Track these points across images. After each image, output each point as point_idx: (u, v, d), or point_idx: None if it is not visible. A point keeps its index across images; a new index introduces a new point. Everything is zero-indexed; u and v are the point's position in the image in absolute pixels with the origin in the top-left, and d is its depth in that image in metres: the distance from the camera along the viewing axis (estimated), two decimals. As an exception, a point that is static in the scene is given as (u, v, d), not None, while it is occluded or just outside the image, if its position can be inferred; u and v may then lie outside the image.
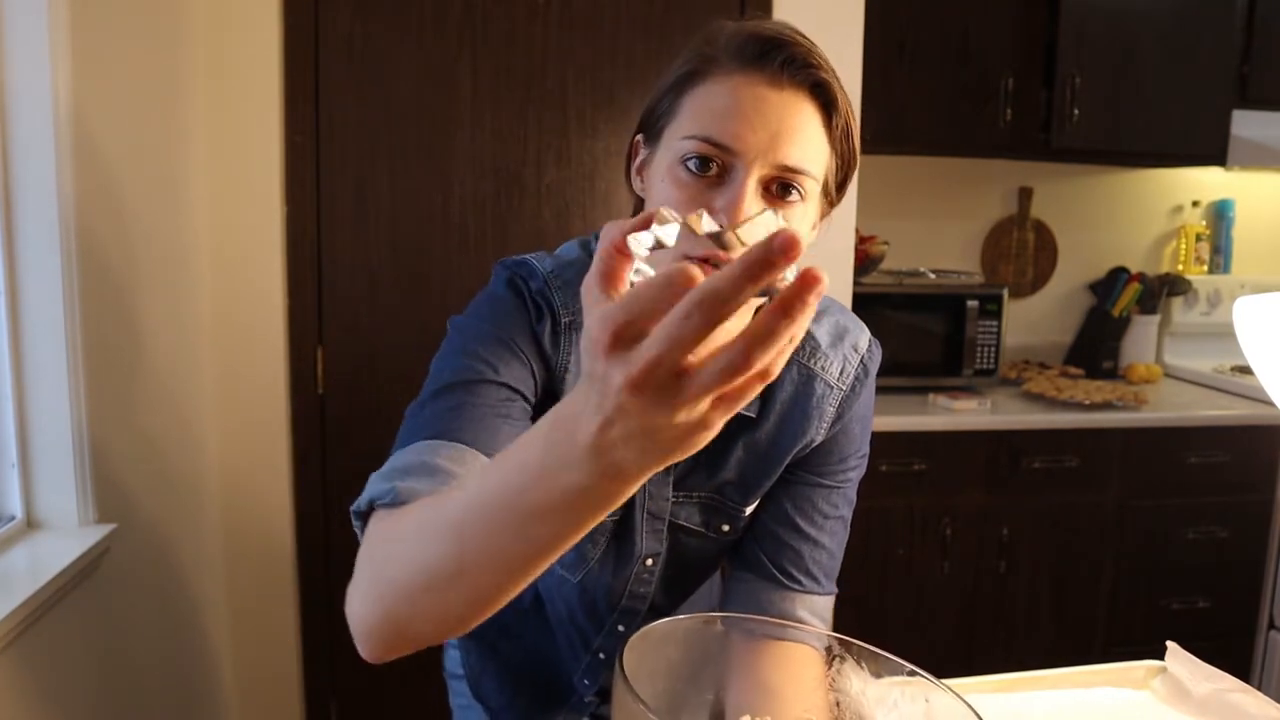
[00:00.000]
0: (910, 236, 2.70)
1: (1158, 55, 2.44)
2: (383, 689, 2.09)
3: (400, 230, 1.97)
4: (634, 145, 0.83)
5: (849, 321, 0.92)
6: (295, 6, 1.84)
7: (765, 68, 0.72)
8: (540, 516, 0.48)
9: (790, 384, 0.88)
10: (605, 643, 1.01)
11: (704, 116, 0.72)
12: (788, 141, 0.71)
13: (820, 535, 0.91)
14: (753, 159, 0.71)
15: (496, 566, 0.52)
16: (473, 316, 0.84)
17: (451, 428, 0.71)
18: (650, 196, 0.78)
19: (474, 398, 0.75)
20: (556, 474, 0.45)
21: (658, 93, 0.79)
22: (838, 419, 0.90)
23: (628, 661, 0.50)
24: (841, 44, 1.99)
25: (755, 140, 0.71)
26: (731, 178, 0.72)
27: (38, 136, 1.30)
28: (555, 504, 0.46)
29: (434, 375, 0.79)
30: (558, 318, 0.83)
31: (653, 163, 0.78)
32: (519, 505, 0.48)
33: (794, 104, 0.72)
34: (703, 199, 0.72)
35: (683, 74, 0.75)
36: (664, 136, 0.76)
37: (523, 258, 0.87)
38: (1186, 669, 0.97)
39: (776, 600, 0.90)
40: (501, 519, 0.50)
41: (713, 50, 0.74)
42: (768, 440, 0.89)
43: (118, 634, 1.49)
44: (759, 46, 0.72)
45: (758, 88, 0.72)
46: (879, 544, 2.25)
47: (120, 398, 1.51)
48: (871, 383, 0.92)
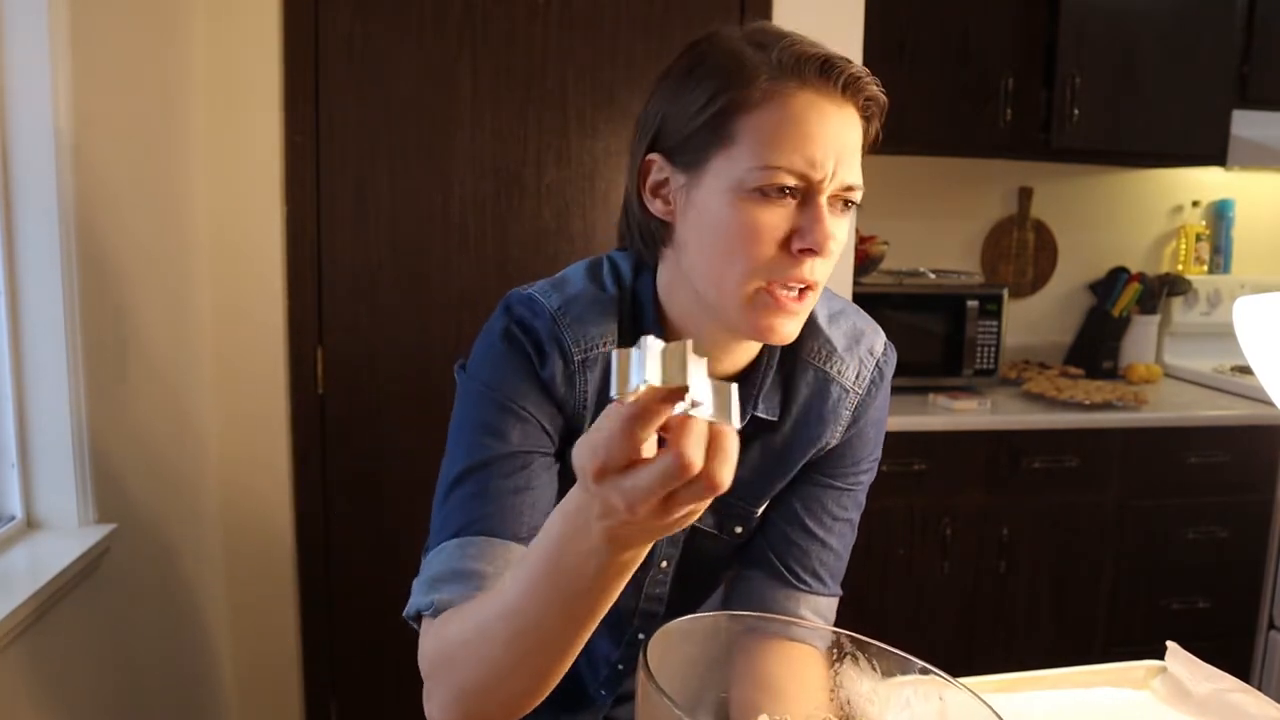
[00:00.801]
0: (910, 236, 2.69)
1: (1158, 55, 2.44)
2: (383, 689, 2.09)
3: (400, 230, 1.96)
4: (646, 164, 0.80)
5: (864, 324, 0.92)
6: (295, 6, 1.84)
7: (826, 86, 0.73)
8: (579, 596, 0.58)
9: (806, 387, 0.88)
10: (626, 653, 1.01)
11: (774, 143, 0.71)
12: (850, 159, 0.74)
13: (828, 537, 0.91)
14: (828, 183, 0.72)
15: (549, 648, 0.63)
16: (475, 379, 0.82)
17: (474, 520, 0.76)
18: (708, 224, 0.75)
19: (489, 479, 0.77)
20: (585, 560, 0.55)
21: (685, 110, 0.75)
22: (853, 423, 0.90)
23: (652, 658, 0.50)
24: (841, 44, 1.95)
25: (830, 163, 0.72)
26: (809, 200, 0.73)
27: (38, 137, 1.30)
28: (589, 583, 0.57)
29: (450, 452, 0.81)
30: (569, 356, 0.81)
31: (701, 186, 0.75)
32: (559, 592, 0.58)
33: (852, 120, 0.74)
34: (781, 226, 0.72)
35: (727, 100, 0.73)
36: (712, 164, 0.74)
37: (529, 293, 0.84)
38: (1186, 669, 0.97)
39: (781, 599, 0.90)
40: (545, 607, 0.60)
41: (752, 71, 0.73)
42: (784, 443, 0.89)
43: (118, 634, 1.49)
44: (816, 66, 0.72)
45: (822, 108, 0.72)
46: (879, 544, 2.25)
47: (120, 398, 1.51)
48: (886, 386, 0.92)
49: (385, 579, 0.82)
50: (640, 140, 0.80)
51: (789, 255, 0.73)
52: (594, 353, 0.82)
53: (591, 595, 0.58)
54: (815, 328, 0.87)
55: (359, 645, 2.06)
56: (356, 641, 2.06)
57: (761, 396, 0.86)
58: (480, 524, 0.76)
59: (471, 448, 0.79)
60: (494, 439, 0.79)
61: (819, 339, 0.87)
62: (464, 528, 0.76)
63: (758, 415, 0.86)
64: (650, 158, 0.79)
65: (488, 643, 0.65)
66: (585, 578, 0.56)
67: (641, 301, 0.84)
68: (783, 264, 0.73)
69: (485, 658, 0.65)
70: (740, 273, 0.74)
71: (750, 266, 0.73)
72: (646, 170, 0.80)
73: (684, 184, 0.77)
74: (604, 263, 0.88)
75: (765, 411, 0.86)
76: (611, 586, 0.58)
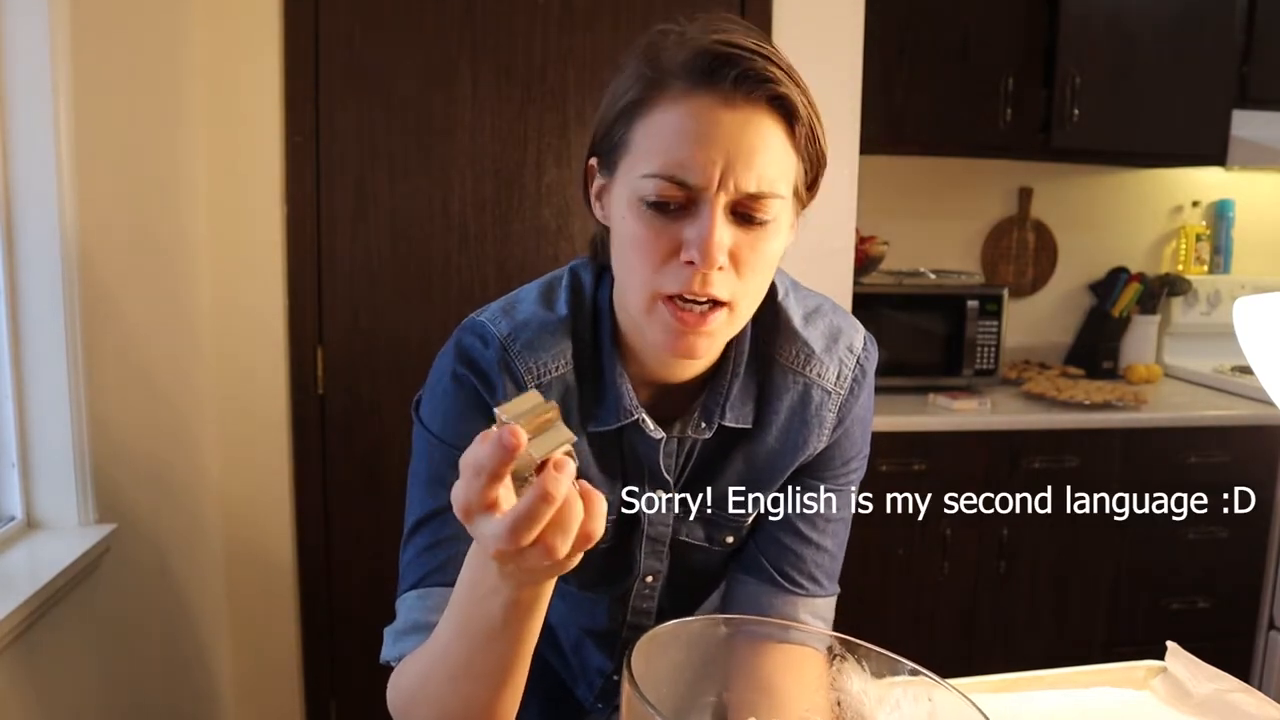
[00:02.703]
0: (910, 236, 2.69)
1: (1158, 55, 2.43)
2: (382, 689, 2.08)
3: (400, 230, 1.96)
4: (589, 169, 0.79)
5: (842, 321, 0.89)
6: (295, 6, 1.84)
7: (716, 86, 0.68)
8: (495, 632, 0.63)
9: (788, 393, 0.85)
10: (620, 663, 1.01)
11: (658, 151, 0.69)
12: (750, 164, 0.68)
13: (821, 539, 0.90)
14: (715, 189, 0.68)
15: (487, 680, 0.67)
16: (424, 428, 0.82)
17: (430, 571, 0.79)
18: (616, 232, 0.75)
19: (442, 530, 0.79)
20: (491, 598, 0.61)
21: (607, 115, 0.74)
22: (839, 424, 0.88)
23: (636, 665, 0.50)
24: (841, 44, 1.98)
25: (715, 169, 0.67)
26: (698, 209, 0.69)
27: (38, 137, 1.30)
28: (499, 620, 0.61)
29: (408, 501, 0.83)
30: (521, 384, 0.80)
31: (612, 194, 0.75)
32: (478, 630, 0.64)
33: (752, 122, 0.68)
34: (672, 237, 0.70)
35: (629, 101, 0.71)
36: (620, 169, 0.73)
37: (481, 320, 0.83)
38: (1186, 669, 0.97)
39: (778, 604, 0.89)
40: (470, 645, 0.65)
41: (657, 71, 0.70)
42: (769, 452, 0.87)
43: (118, 634, 1.49)
44: (707, 63, 0.68)
45: (711, 110, 0.68)
46: (879, 544, 2.25)
47: (120, 398, 1.51)
48: (870, 382, 0.90)
49: (385, 579, 0.82)
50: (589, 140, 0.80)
51: (679, 265, 0.70)
52: (548, 377, 0.80)
53: (509, 630, 0.62)
54: (791, 331, 0.85)
55: (359, 645, 2.06)
56: (356, 641, 2.05)
57: (729, 405, 0.83)
58: (437, 575, 0.78)
59: (424, 499, 0.81)
60: (442, 488, 0.78)
61: (796, 342, 0.85)
62: (422, 579, 0.78)
63: (725, 425, 0.84)
64: (590, 163, 0.79)
65: (433, 683, 0.70)
66: (495, 616, 0.61)
67: (601, 311, 0.83)
68: (674, 276, 0.70)
69: (433, 696, 0.70)
70: (638, 284, 0.73)
71: (643, 278, 0.72)
72: (590, 175, 0.79)
73: (608, 189, 0.76)
74: (562, 278, 0.86)
75: (735, 420, 0.84)
76: (525, 621, 0.62)
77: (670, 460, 0.85)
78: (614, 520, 0.87)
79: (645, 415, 0.82)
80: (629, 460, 0.86)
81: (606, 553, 0.90)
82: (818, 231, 1.84)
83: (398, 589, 0.81)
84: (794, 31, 1.94)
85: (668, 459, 0.85)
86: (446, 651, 0.68)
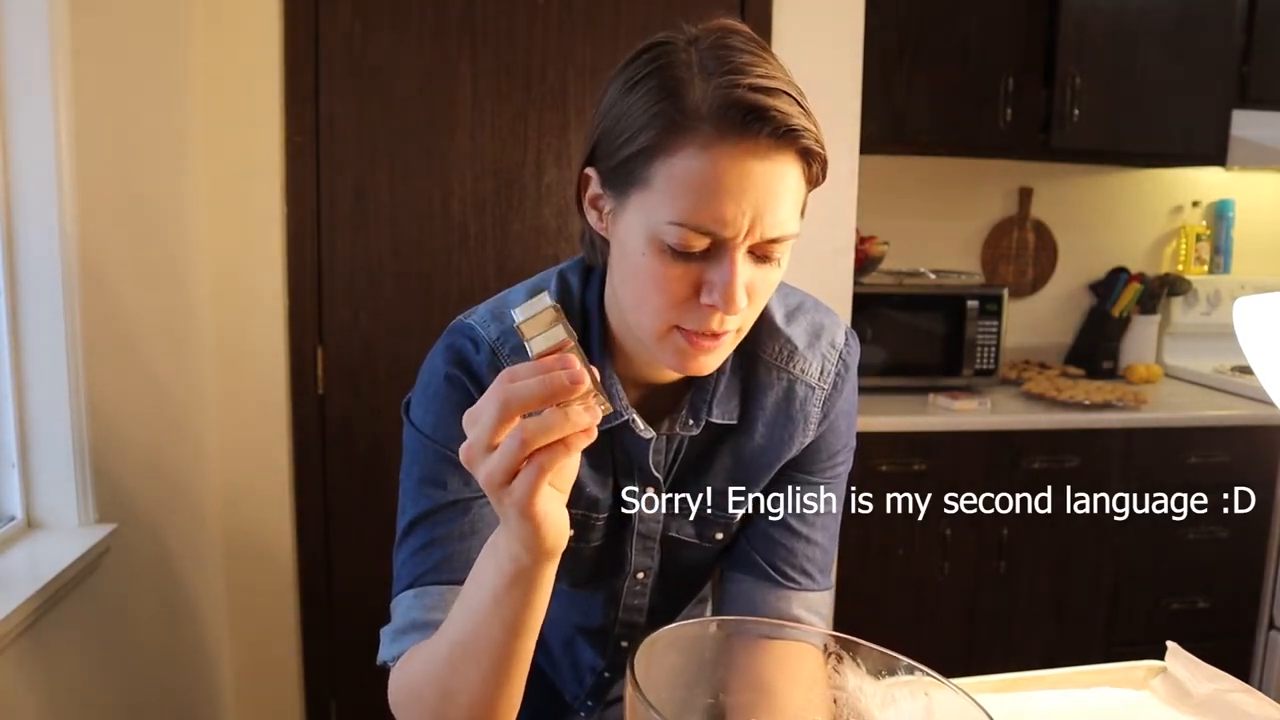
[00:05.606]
0: (910, 236, 2.69)
1: (1158, 55, 2.43)
2: (383, 688, 2.08)
3: (400, 230, 1.96)
4: (584, 177, 0.78)
5: (824, 317, 0.90)
6: (295, 6, 1.84)
7: (748, 138, 0.66)
8: (499, 596, 0.64)
9: (772, 389, 0.87)
10: (612, 660, 1.02)
11: (685, 198, 0.67)
12: (773, 212, 0.68)
13: (813, 532, 0.91)
14: (742, 239, 0.69)
15: (480, 656, 0.67)
16: (416, 428, 0.83)
17: (425, 571, 0.79)
18: (628, 258, 0.73)
19: (435, 529, 0.80)
20: (495, 573, 0.64)
21: (616, 139, 0.72)
22: (824, 418, 0.89)
23: (639, 669, 0.51)
24: (841, 44, 1.98)
25: (744, 221, 0.68)
26: (720, 253, 0.69)
27: (38, 136, 1.30)
28: (503, 584, 0.63)
29: (400, 502, 0.83)
30: None
31: (622, 220, 0.73)
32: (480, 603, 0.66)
33: (779, 171, 0.68)
34: (693, 280, 0.70)
35: (650, 140, 0.68)
36: (634, 200, 0.71)
37: (470, 323, 0.83)
38: (1186, 669, 0.97)
39: (772, 600, 0.89)
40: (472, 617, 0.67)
41: (682, 114, 0.67)
42: (755, 448, 0.88)
43: (118, 634, 1.49)
44: (740, 115, 0.66)
45: (743, 163, 0.67)
46: (879, 544, 2.25)
47: (120, 397, 1.51)
48: (853, 376, 0.91)
49: (385, 578, 0.82)
50: (585, 146, 0.78)
51: (699, 305, 0.71)
52: None
53: (511, 597, 0.64)
54: (774, 329, 0.87)
55: (359, 645, 2.05)
56: (356, 641, 2.05)
57: (715, 401, 0.85)
58: (432, 575, 0.79)
59: (416, 499, 0.81)
60: (435, 489, 0.80)
61: (779, 340, 0.87)
62: (417, 579, 0.79)
63: (713, 421, 0.85)
64: (587, 172, 0.77)
65: (435, 665, 0.71)
66: (498, 584, 0.63)
67: (590, 312, 0.84)
68: (693, 313, 0.72)
69: (433, 678, 0.71)
70: (651, 312, 0.73)
71: (659, 310, 0.73)
72: (584, 183, 0.78)
73: (612, 208, 0.75)
74: (550, 282, 0.86)
75: (722, 416, 0.86)
76: (528, 593, 0.64)
77: (660, 458, 0.87)
78: (606, 518, 0.89)
79: (636, 415, 0.83)
80: (619, 459, 0.87)
81: (598, 551, 0.91)
82: (818, 231, 1.84)
83: (392, 590, 0.82)
84: (794, 32, 1.94)
85: (657, 456, 0.86)
86: (446, 632, 0.70)
